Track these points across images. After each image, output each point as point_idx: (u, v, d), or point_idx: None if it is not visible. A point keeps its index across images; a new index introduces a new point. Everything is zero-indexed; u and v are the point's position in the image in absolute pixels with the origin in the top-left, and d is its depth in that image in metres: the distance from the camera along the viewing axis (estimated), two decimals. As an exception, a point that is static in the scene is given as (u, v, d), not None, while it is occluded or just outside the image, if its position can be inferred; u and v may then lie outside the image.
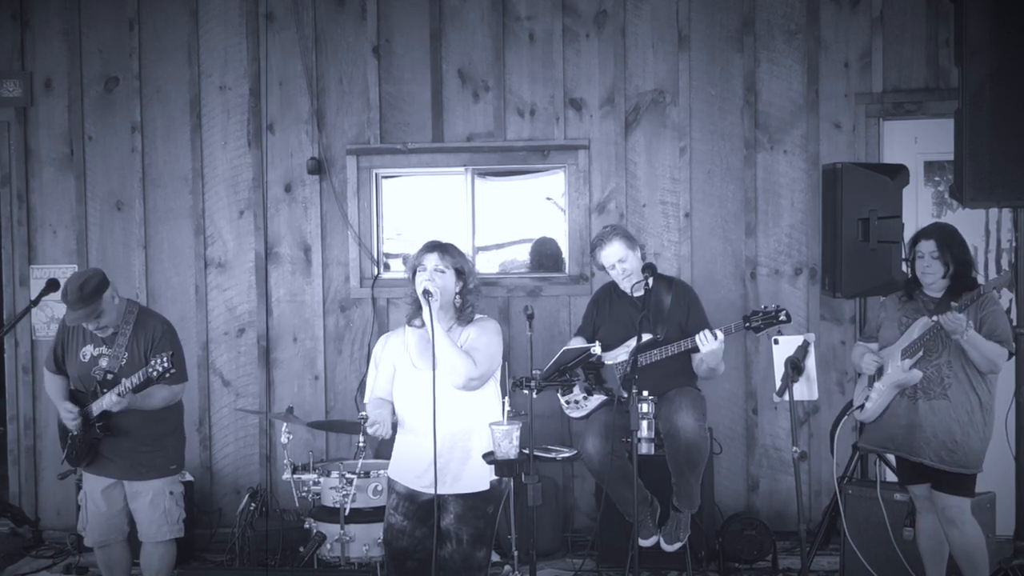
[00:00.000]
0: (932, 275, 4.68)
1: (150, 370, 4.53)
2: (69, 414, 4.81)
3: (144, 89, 6.52)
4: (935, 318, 4.57)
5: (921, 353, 4.64)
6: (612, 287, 5.35)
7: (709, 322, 5.13)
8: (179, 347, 4.92)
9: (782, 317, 4.91)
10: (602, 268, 5.26)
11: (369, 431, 4.15)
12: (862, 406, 4.86)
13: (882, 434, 4.81)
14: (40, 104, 6.59)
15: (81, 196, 6.57)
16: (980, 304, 4.58)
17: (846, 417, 5.22)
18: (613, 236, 5.15)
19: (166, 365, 4.51)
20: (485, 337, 4.13)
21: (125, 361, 4.77)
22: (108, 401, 4.64)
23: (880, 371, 4.77)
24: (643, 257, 5.23)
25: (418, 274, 4.11)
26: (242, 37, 6.47)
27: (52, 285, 5.19)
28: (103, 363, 4.79)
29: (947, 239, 4.67)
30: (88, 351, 4.85)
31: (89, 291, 4.66)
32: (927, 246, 4.68)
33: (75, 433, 4.85)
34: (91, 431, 4.79)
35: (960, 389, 4.62)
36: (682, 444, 4.88)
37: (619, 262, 5.12)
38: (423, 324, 4.15)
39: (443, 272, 4.10)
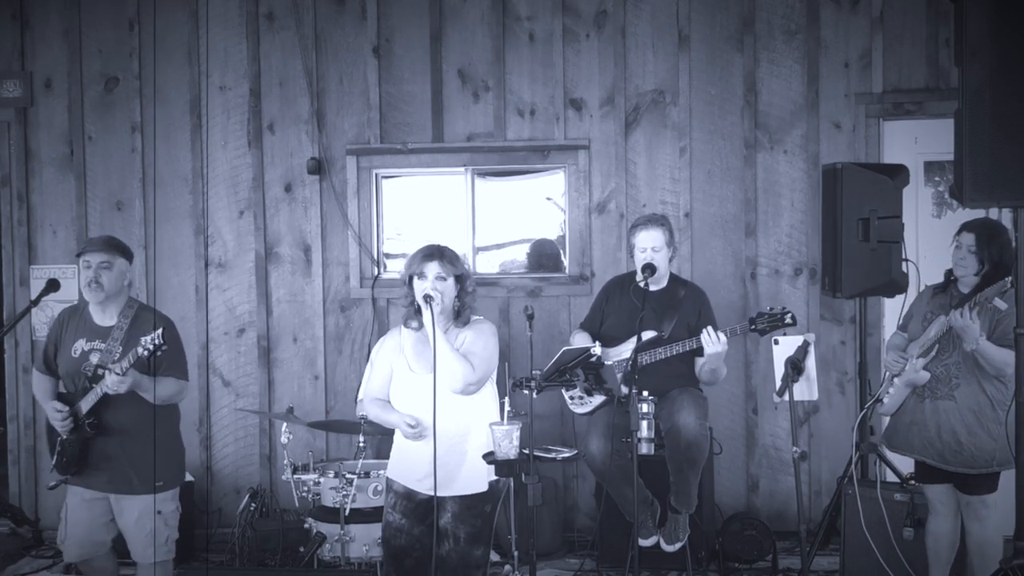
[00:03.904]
0: (965, 269, 4.59)
1: (140, 349, 4.29)
2: (58, 413, 4.57)
3: (144, 89, 6.52)
4: (946, 317, 4.53)
5: (934, 353, 4.62)
6: (625, 279, 5.35)
7: (717, 326, 5.14)
8: (179, 344, 4.71)
9: (787, 320, 4.89)
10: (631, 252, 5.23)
11: (408, 436, 4.14)
12: (882, 400, 4.86)
13: (895, 433, 4.84)
14: (40, 104, 6.59)
15: (81, 196, 6.57)
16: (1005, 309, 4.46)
17: (863, 412, 5.23)
18: (658, 225, 5.11)
19: (158, 342, 4.28)
20: (482, 340, 4.14)
21: (119, 356, 4.52)
22: (110, 381, 4.35)
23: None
24: (671, 260, 5.21)
25: (418, 281, 4.11)
26: (242, 37, 6.47)
27: (52, 285, 5.17)
28: (94, 358, 4.58)
29: (988, 236, 4.54)
30: (80, 346, 4.63)
31: (117, 243, 4.67)
32: (967, 238, 4.59)
33: (63, 435, 4.60)
34: (81, 430, 4.56)
35: (968, 390, 4.59)
36: (683, 442, 4.89)
37: (652, 250, 5.06)
38: (420, 326, 4.17)
39: (444, 279, 4.10)
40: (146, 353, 4.31)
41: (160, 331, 4.32)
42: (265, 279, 6.51)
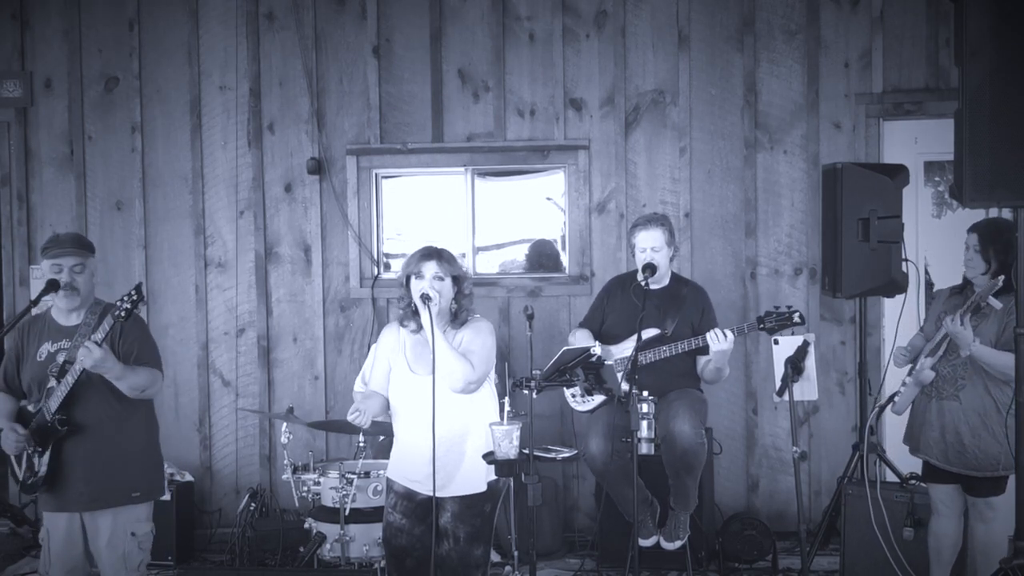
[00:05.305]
0: (973, 269, 4.62)
1: (117, 312, 4.02)
2: (16, 435, 4.18)
3: (144, 89, 6.53)
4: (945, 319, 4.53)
5: (941, 352, 4.62)
6: (626, 278, 5.36)
7: (719, 325, 5.14)
8: (149, 337, 4.42)
9: (796, 319, 4.88)
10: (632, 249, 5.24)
11: (349, 417, 4.10)
12: (894, 400, 4.87)
13: (909, 432, 4.85)
14: (40, 104, 6.59)
15: (81, 196, 6.57)
16: (1008, 310, 4.44)
17: (875, 410, 5.24)
18: (658, 224, 5.11)
19: (135, 298, 4.02)
20: (480, 339, 4.14)
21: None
22: (82, 352, 4.03)
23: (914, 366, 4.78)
24: (672, 259, 5.22)
25: (415, 281, 4.11)
26: (242, 37, 6.47)
27: (52, 285, 5.11)
28: (61, 357, 4.26)
29: (991, 235, 4.55)
30: (46, 348, 4.32)
31: (84, 240, 4.41)
32: (971, 239, 4.62)
33: (13, 455, 4.24)
34: (52, 431, 4.19)
35: (974, 392, 4.58)
36: (678, 450, 4.88)
37: (652, 249, 5.06)
38: (418, 328, 4.16)
39: (442, 279, 4.10)
40: (123, 314, 4.03)
41: (138, 285, 4.10)
42: (265, 279, 6.51)
